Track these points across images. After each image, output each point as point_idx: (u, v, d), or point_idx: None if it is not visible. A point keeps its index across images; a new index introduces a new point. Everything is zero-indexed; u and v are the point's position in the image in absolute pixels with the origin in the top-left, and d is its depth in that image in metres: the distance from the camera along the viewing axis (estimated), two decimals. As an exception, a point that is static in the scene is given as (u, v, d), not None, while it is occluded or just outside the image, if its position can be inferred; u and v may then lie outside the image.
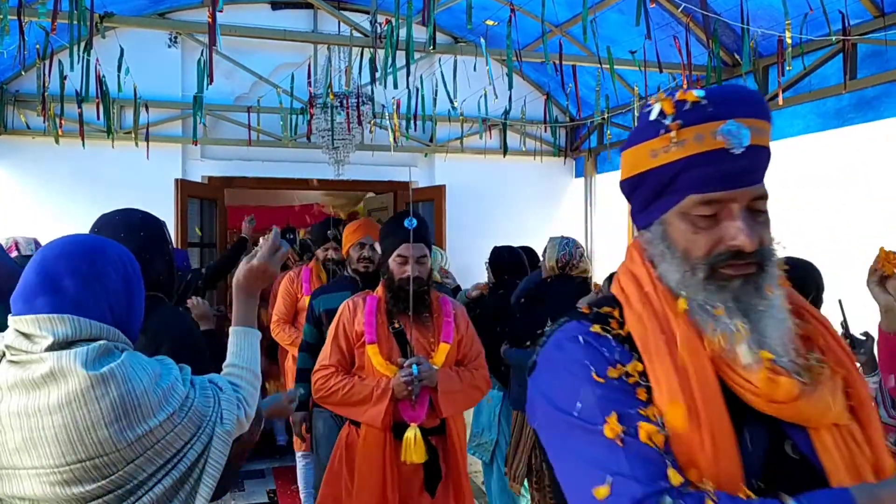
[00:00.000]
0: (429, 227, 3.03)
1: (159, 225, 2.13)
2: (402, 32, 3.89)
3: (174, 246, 2.31)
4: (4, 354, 1.47)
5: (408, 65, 3.65)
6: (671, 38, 4.50)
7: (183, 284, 3.99)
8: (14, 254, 3.79)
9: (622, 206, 7.48)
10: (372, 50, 4.35)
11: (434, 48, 3.65)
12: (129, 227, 2.01)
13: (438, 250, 4.75)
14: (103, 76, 4.89)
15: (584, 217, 7.00)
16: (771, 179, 1.14)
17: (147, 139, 5.64)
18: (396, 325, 2.92)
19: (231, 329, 1.91)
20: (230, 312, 2.01)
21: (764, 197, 1.11)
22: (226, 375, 1.79)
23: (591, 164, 6.95)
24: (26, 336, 1.45)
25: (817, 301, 3.03)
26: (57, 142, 5.43)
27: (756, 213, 1.11)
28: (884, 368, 2.39)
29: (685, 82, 4.60)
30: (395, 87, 3.97)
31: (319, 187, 6.79)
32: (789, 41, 3.65)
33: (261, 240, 1.98)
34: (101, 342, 1.48)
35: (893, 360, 2.38)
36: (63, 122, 5.23)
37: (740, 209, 1.08)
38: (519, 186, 6.88)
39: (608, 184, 7.16)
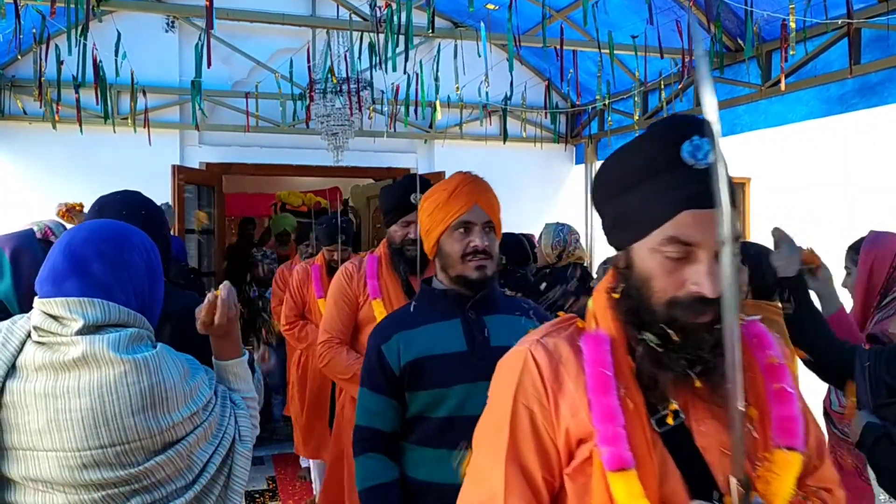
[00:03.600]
0: None
1: (158, 207, 2.15)
2: (403, 17, 3.86)
3: (172, 232, 2.31)
4: (30, 335, 1.47)
5: (406, 49, 3.62)
6: (673, 22, 4.45)
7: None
8: (53, 239, 3.77)
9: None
10: (371, 34, 4.32)
11: (433, 32, 3.61)
12: (130, 206, 2.01)
13: None
14: (100, 61, 4.84)
15: (585, 204, 6.97)
16: (773, 164, 1.13)
17: (147, 125, 5.60)
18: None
19: (216, 364, 1.77)
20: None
21: None
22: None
23: (591, 150, 6.92)
24: (55, 318, 1.46)
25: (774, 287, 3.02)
26: (54, 127, 5.38)
27: None
28: None
29: (684, 68, 4.57)
30: (394, 70, 3.93)
31: (319, 174, 6.75)
32: (793, 25, 3.62)
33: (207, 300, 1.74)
34: (134, 329, 1.50)
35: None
36: (60, 107, 5.19)
37: None
38: (519, 173, 6.84)
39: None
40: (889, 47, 3.89)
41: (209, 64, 3.96)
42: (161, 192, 5.49)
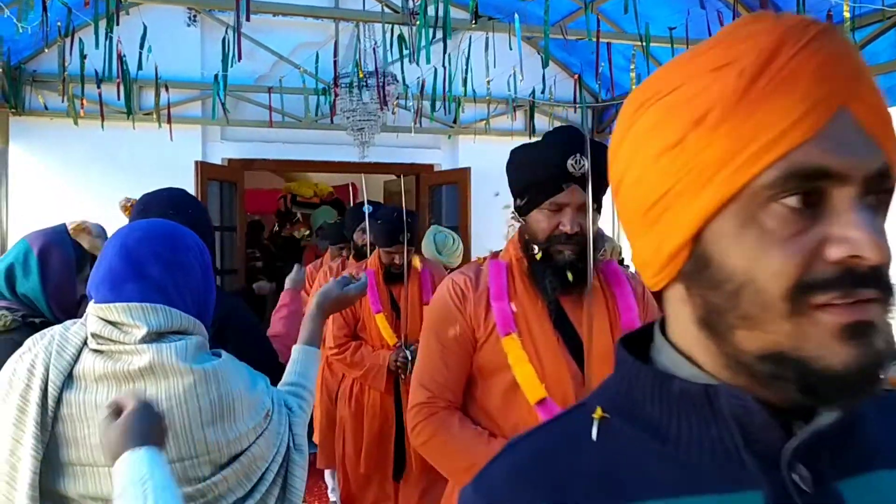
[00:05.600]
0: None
1: (203, 206, 2.07)
2: (430, 9, 3.75)
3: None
4: (86, 343, 1.38)
5: (445, 41, 3.51)
6: (715, 13, 4.32)
7: None
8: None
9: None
10: (400, 27, 4.21)
11: (476, 23, 3.50)
12: (177, 205, 1.93)
13: (451, 234, 4.62)
14: (124, 55, 4.76)
15: (612, 200, 6.86)
16: None
17: (169, 120, 5.51)
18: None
19: (297, 347, 1.82)
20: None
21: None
22: (290, 393, 1.71)
23: (618, 145, 6.79)
24: (115, 325, 1.37)
25: None
26: (76, 123, 5.30)
27: None
28: None
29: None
30: (428, 62, 3.83)
31: (342, 170, 6.66)
32: (847, 14, 3.49)
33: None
34: (198, 337, 1.42)
35: None
36: (84, 102, 5.11)
37: None
38: (544, 169, 6.72)
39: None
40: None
41: (239, 57, 3.87)
42: (184, 188, 5.40)
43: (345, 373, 3.76)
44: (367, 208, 3.94)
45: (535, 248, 1.75)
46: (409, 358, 3.43)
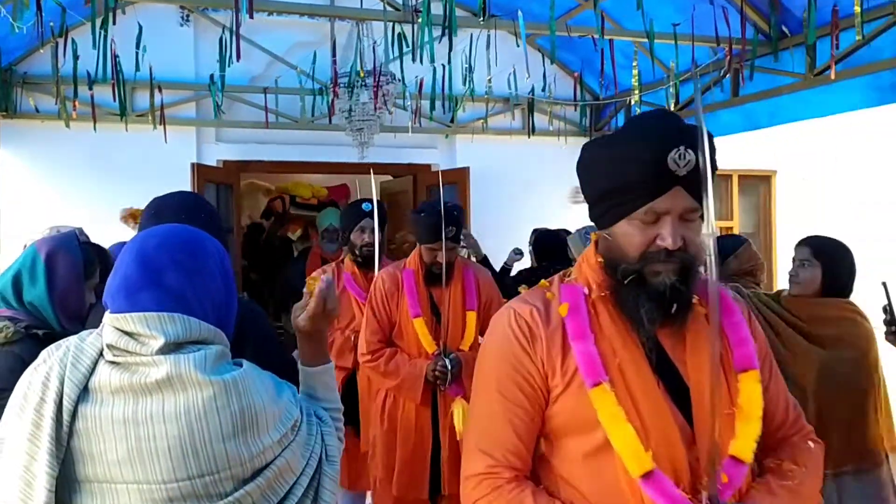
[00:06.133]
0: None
1: (215, 208, 2.00)
2: (433, 7, 3.69)
3: None
4: (102, 354, 1.31)
5: (450, 39, 3.45)
6: (719, 9, 4.29)
7: None
8: None
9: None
10: (401, 25, 4.14)
11: (484, 20, 3.44)
12: (188, 209, 1.86)
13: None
14: (117, 56, 4.66)
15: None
16: (828, 155, 1.00)
17: (163, 121, 5.41)
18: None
19: (302, 369, 1.65)
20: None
21: None
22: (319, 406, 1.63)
23: (617, 144, 6.74)
24: (131, 335, 1.30)
25: (849, 285, 2.86)
26: (67, 125, 5.20)
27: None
28: None
29: (730, 56, 4.40)
30: (432, 61, 3.76)
31: (340, 171, 6.57)
32: (858, 9, 3.45)
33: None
34: (219, 347, 1.36)
35: None
36: (76, 104, 5.01)
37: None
38: (543, 168, 6.66)
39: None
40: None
41: (238, 57, 3.78)
42: (194, 192, 5.31)
43: (378, 383, 3.43)
44: (366, 206, 3.84)
45: (625, 269, 1.40)
46: (449, 367, 3.21)
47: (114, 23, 3.51)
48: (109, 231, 3.95)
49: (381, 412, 3.36)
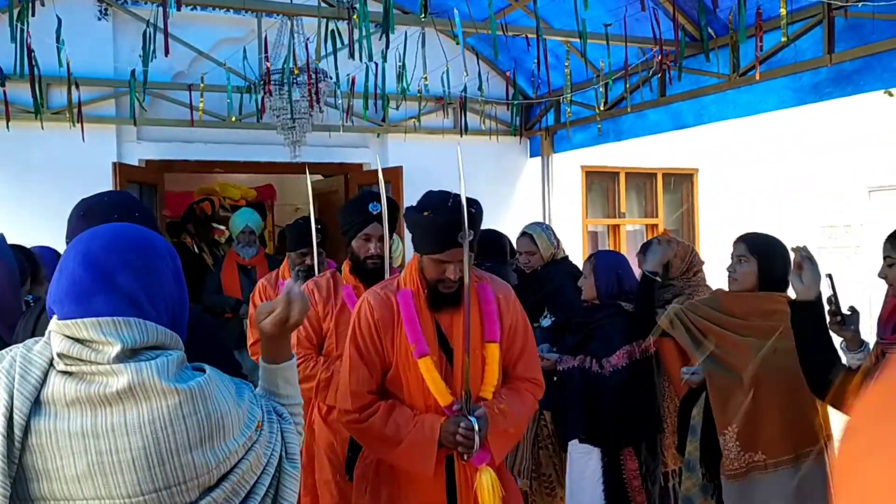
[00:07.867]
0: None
1: (149, 207, 1.90)
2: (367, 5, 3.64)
3: None
4: (52, 364, 1.22)
5: (387, 37, 3.40)
6: (648, 11, 4.39)
7: None
8: None
9: (578, 185, 7.44)
10: (334, 21, 4.07)
11: (425, 17, 3.41)
12: (121, 208, 1.76)
13: (396, 238, 4.51)
14: (33, 50, 4.41)
15: (542, 198, 6.89)
16: (747, 153, 1.04)
17: (81, 119, 5.15)
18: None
19: (263, 366, 1.57)
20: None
21: None
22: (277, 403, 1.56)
23: (547, 143, 6.83)
24: (83, 343, 1.22)
25: (784, 278, 2.97)
26: (-21, 124, 4.90)
27: None
28: None
29: (660, 56, 4.51)
30: (370, 59, 3.71)
31: (270, 170, 6.42)
32: (783, 11, 3.58)
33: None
34: (179, 353, 1.29)
35: None
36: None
37: None
38: (474, 167, 6.66)
39: (566, 163, 7.08)
40: (864, 35, 3.92)
41: (166, 52, 3.64)
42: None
43: (370, 451, 2.52)
44: (373, 206, 3.03)
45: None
46: (476, 428, 2.27)
47: (33, 14, 3.31)
48: (28, 234, 3.74)
49: (373, 487, 2.50)
